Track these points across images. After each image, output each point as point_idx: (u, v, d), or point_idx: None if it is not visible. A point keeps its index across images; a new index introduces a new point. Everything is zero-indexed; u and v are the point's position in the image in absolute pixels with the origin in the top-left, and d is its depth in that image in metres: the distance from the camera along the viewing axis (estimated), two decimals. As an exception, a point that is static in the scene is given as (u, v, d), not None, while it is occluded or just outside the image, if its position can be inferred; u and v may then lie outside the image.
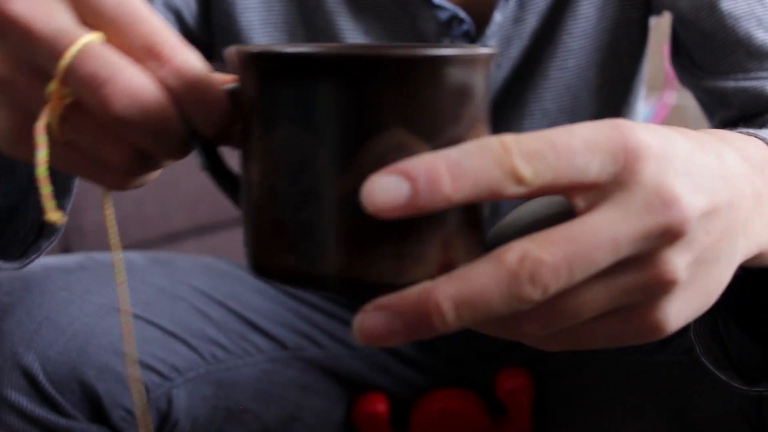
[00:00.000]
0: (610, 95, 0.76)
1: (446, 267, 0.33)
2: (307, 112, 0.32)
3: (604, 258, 0.32)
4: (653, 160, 0.32)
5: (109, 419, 0.64)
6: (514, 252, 0.31)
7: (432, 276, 0.32)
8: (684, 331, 0.70)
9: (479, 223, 0.35)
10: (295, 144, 0.33)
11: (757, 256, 0.38)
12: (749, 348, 0.47)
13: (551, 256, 0.31)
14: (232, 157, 0.40)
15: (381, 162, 0.32)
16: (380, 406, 0.80)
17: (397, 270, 0.33)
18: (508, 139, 0.31)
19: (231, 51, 0.35)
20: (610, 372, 0.77)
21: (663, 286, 0.33)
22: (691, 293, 0.35)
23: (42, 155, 0.35)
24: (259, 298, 0.77)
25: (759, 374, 0.47)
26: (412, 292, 0.31)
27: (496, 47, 0.35)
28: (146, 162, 0.37)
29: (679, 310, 0.35)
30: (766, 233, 0.37)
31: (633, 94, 0.79)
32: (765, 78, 0.65)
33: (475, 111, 0.34)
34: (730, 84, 0.66)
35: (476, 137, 0.34)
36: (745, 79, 0.65)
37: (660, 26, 0.81)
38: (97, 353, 0.63)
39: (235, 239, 2.26)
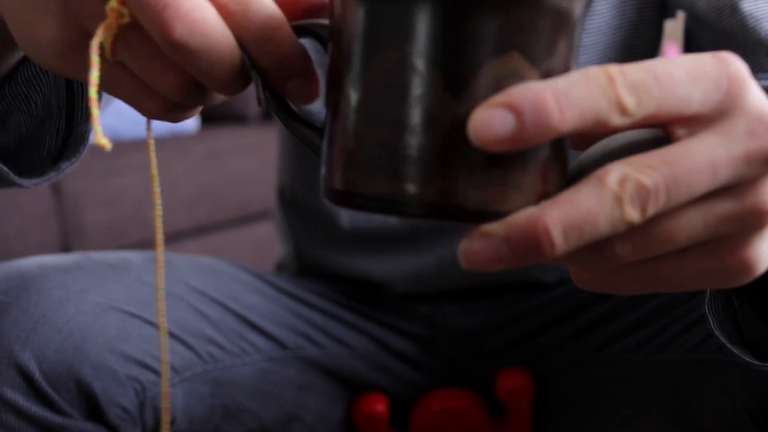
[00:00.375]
0: None
1: (543, 195, 0.33)
2: (424, 34, 0.32)
3: (702, 182, 0.32)
4: (754, 88, 0.33)
5: (105, 417, 0.63)
6: (614, 174, 0.31)
7: (531, 204, 0.33)
8: (687, 329, 0.70)
9: (567, 152, 0.35)
10: (408, 68, 0.32)
11: None
12: (761, 329, 0.47)
13: (650, 179, 0.31)
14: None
15: (495, 88, 0.32)
16: (380, 406, 0.79)
17: (501, 198, 0.33)
18: (613, 69, 0.31)
19: None
20: (612, 371, 0.76)
21: (760, 218, 0.33)
22: None
23: (95, 75, 0.34)
24: (257, 297, 0.77)
25: None
26: (520, 218, 0.31)
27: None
28: (196, 93, 0.37)
29: None
30: None
31: None
32: None
33: (577, 45, 0.35)
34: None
35: (573, 69, 0.34)
36: (765, 79, 0.65)
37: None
38: (93, 352, 0.62)
39: (235, 239, 2.28)
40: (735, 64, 0.33)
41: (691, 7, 0.69)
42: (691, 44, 0.73)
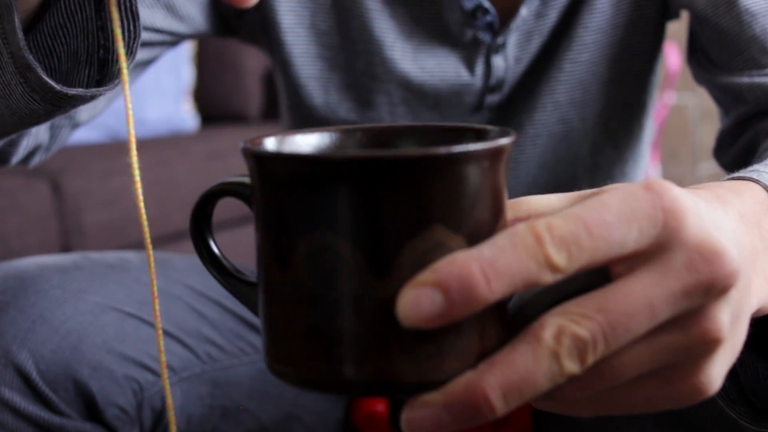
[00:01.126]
0: (621, 91, 0.77)
1: (482, 354, 0.33)
2: (343, 217, 0.31)
3: (641, 324, 0.31)
4: (691, 217, 0.32)
5: (103, 417, 0.63)
6: (549, 329, 0.31)
7: (471, 365, 0.32)
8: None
9: (504, 303, 0.34)
10: (330, 250, 0.32)
11: (758, 312, 0.37)
12: (762, 371, 0.46)
13: (586, 330, 0.31)
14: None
15: (420, 263, 0.31)
16: (380, 405, 0.79)
17: (439, 367, 0.32)
18: (540, 227, 0.30)
19: (242, 149, 0.34)
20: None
21: (707, 345, 0.33)
22: (729, 351, 0.34)
23: None
24: None
25: None
26: (458, 387, 0.31)
27: (515, 134, 0.34)
28: None
29: (720, 371, 0.34)
30: (764, 289, 0.37)
31: (646, 93, 0.79)
32: None
33: (503, 196, 0.34)
34: (745, 80, 0.66)
35: (503, 221, 0.34)
36: (759, 75, 0.65)
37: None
38: (90, 352, 0.62)
39: (234, 239, 2.29)
40: (669, 194, 0.32)
41: (690, 4, 0.69)
42: (694, 45, 0.73)
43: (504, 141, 0.33)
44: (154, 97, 2.24)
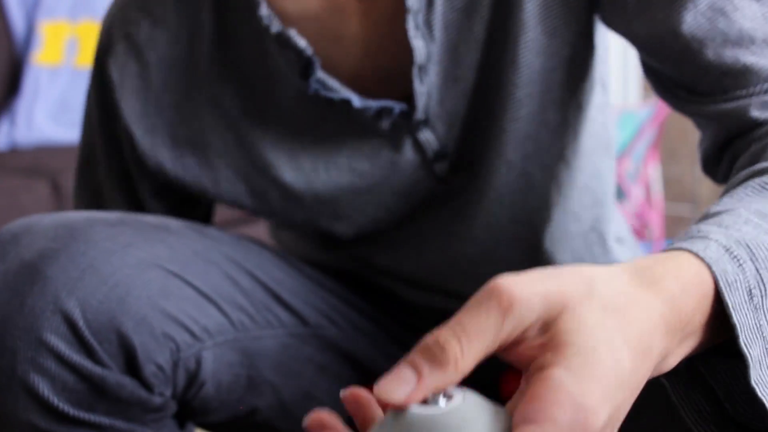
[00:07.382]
0: (574, 130, 0.75)
1: None
2: None
3: None
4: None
5: (141, 373, 0.64)
6: None
7: None
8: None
9: None
10: None
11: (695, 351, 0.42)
12: (739, 377, 0.46)
13: None
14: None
15: None
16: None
17: None
18: None
19: None
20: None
21: None
22: None
23: None
24: (283, 273, 0.78)
25: (751, 413, 0.46)
26: None
27: None
28: None
29: None
30: (686, 352, 0.44)
31: (590, 95, 0.76)
32: (744, 97, 0.63)
33: None
34: (712, 108, 0.64)
35: None
36: (724, 101, 0.64)
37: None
38: (136, 305, 0.63)
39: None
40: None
41: (628, 32, 0.67)
42: (652, 75, 0.70)
43: None
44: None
